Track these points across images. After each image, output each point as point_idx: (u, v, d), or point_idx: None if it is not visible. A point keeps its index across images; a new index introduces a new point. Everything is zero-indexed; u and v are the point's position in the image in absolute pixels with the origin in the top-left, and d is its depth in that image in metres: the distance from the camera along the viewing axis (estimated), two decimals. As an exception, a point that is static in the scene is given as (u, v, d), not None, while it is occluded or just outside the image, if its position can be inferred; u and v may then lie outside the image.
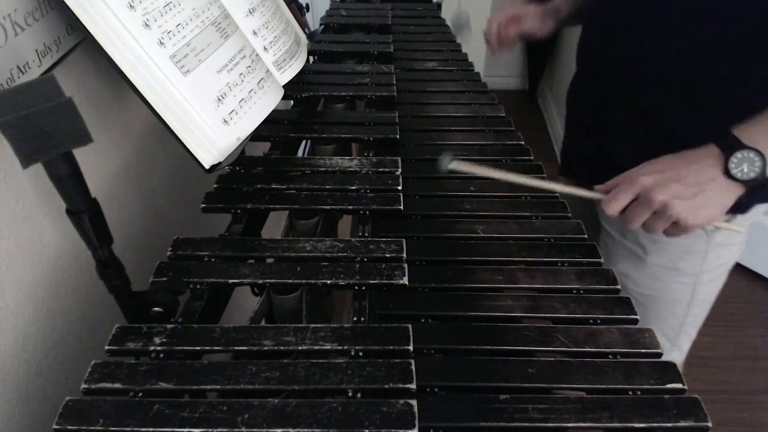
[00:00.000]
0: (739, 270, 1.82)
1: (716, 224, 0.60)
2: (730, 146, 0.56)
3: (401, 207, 0.63)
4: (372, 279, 0.53)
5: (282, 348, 0.46)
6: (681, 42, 0.68)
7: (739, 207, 0.75)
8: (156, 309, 0.50)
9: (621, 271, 0.84)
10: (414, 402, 0.41)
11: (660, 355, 0.50)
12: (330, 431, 0.39)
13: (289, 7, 0.90)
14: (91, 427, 0.39)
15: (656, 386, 0.46)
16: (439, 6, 1.40)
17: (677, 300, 0.86)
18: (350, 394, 0.42)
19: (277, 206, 0.63)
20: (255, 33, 0.73)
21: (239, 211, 0.62)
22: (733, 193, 0.57)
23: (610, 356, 0.49)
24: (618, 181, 0.59)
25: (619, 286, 0.56)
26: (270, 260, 0.56)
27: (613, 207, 0.57)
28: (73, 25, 0.55)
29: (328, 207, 0.63)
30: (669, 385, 0.46)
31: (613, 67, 0.76)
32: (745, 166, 0.55)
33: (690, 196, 0.56)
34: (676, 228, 0.58)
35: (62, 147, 0.38)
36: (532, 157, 0.76)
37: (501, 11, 0.93)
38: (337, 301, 0.96)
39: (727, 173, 0.56)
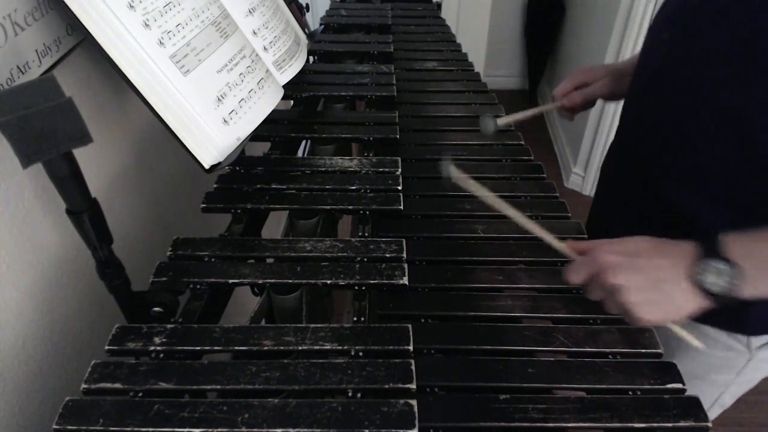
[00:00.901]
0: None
1: (672, 327, 0.55)
2: (706, 250, 0.51)
3: (401, 207, 0.63)
4: (372, 279, 0.53)
5: (282, 348, 0.46)
6: (730, 131, 0.61)
7: (751, 329, 0.69)
8: (156, 309, 0.50)
9: None
10: (414, 402, 0.41)
11: (660, 355, 0.50)
12: (330, 431, 0.39)
13: (289, 7, 0.90)
14: (91, 427, 0.39)
15: (656, 386, 0.46)
16: (439, 6, 1.40)
17: None
18: (350, 394, 0.42)
19: (277, 206, 0.63)
20: (255, 33, 0.73)
21: (239, 211, 0.62)
22: (695, 300, 0.51)
23: (610, 356, 0.49)
24: (587, 248, 0.56)
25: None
26: (270, 260, 0.56)
27: (572, 278, 0.54)
28: (73, 25, 0.55)
29: (328, 207, 0.63)
30: (669, 385, 0.46)
31: (652, 146, 0.69)
32: (710, 276, 0.50)
33: (646, 289, 0.51)
34: (627, 316, 0.53)
35: (62, 147, 0.38)
36: (532, 157, 0.76)
37: (566, 80, 0.85)
38: (337, 301, 0.96)
39: (693, 278, 0.50)
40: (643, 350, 0.50)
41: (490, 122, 0.78)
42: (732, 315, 0.58)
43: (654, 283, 0.51)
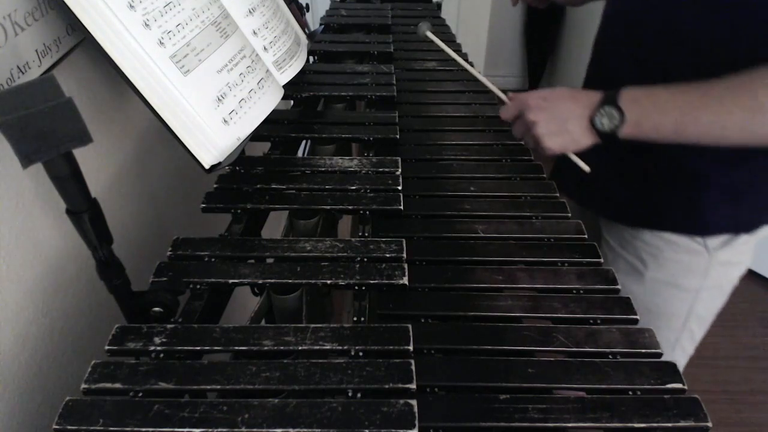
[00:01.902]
0: (739, 270, 1.82)
1: (569, 155, 0.71)
2: (607, 99, 0.65)
3: (401, 207, 0.63)
4: (372, 279, 0.53)
5: (282, 348, 0.46)
6: (695, 57, 0.69)
7: (748, 226, 0.78)
8: (156, 309, 0.50)
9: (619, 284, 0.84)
10: (414, 402, 0.41)
11: (660, 355, 0.50)
12: (330, 431, 0.39)
13: (289, 7, 0.90)
14: (91, 427, 0.39)
15: (656, 386, 0.46)
16: (439, 6, 1.40)
17: (674, 315, 0.85)
18: (350, 394, 0.42)
19: (277, 206, 0.63)
20: (255, 33, 0.73)
21: (239, 211, 0.62)
22: (589, 137, 0.67)
23: (610, 356, 0.49)
24: (519, 95, 0.71)
25: (619, 286, 0.56)
26: (270, 260, 0.56)
27: (504, 115, 0.72)
28: (73, 25, 0.55)
29: (328, 207, 0.62)
30: (669, 385, 0.46)
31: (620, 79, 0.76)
32: (605, 119, 0.65)
33: (552, 124, 0.67)
34: (538, 146, 0.69)
35: (62, 147, 0.38)
36: (532, 157, 0.76)
37: None
38: (337, 301, 0.96)
39: (590, 119, 0.65)
40: (643, 350, 0.50)
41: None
42: (686, 218, 0.76)
43: (561, 121, 0.67)
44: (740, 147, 0.63)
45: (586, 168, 0.71)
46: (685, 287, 0.83)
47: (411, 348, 0.46)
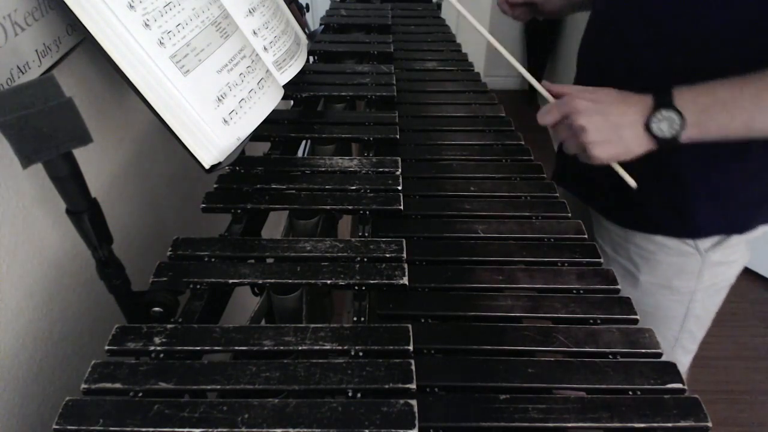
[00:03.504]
0: (739, 270, 1.82)
1: (614, 166, 0.65)
2: (661, 101, 0.59)
3: (401, 207, 0.63)
4: (372, 279, 0.53)
5: (282, 348, 0.46)
6: (682, 51, 0.67)
7: (739, 227, 0.76)
8: (156, 309, 0.50)
9: None
10: (414, 402, 0.41)
11: (660, 355, 0.50)
12: (330, 431, 0.39)
13: (289, 7, 0.90)
14: (91, 427, 0.39)
15: (656, 386, 0.46)
16: (439, 6, 1.40)
17: (671, 317, 0.85)
18: (350, 394, 0.42)
19: (277, 206, 0.63)
20: (255, 33, 0.73)
21: (239, 211, 0.62)
22: (644, 144, 0.60)
23: (610, 356, 0.49)
24: (563, 92, 0.64)
25: (618, 286, 0.56)
26: (270, 260, 0.56)
27: (545, 119, 0.64)
28: (73, 25, 0.55)
29: (328, 207, 0.63)
30: (669, 385, 0.46)
31: (610, 74, 0.75)
32: (664, 124, 0.58)
33: (604, 130, 0.60)
34: (583, 154, 0.62)
35: (62, 147, 0.38)
36: (532, 157, 0.76)
37: None
38: (337, 301, 0.96)
39: (647, 125, 0.59)
40: (643, 350, 0.50)
41: None
42: (677, 221, 0.72)
43: (613, 126, 0.60)
44: None
45: (633, 183, 0.65)
46: (680, 289, 0.82)
47: (411, 348, 0.46)
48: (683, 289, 0.82)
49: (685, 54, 0.67)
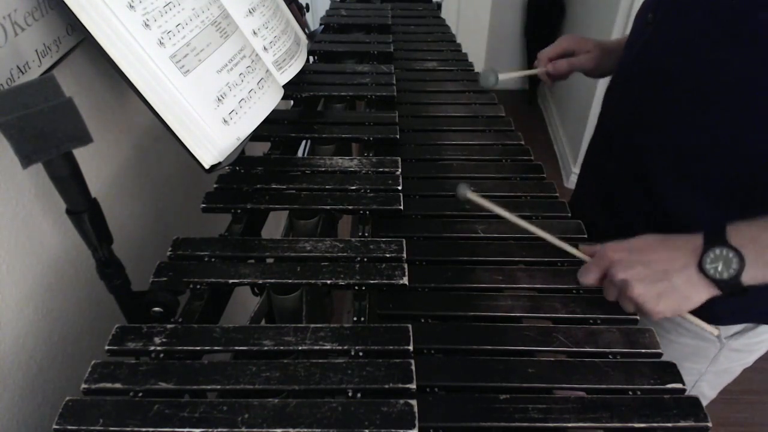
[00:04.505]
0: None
1: (687, 317, 0.56)
2: (713, 239, 0.52)
3: (401, 207, 0.63)
4: (372, 279, 0.53)
5: (282, 348, 0.46)
6: (706, 112, 0.61)
7: (764, 318, 0.70)
8: (156, 309, 0.50)
9: None
10: (414, 402, 0.41)
11: (660, 355, 0.50)
12: (330, 431, 0.39)
13: (289, 7, 0.90)
14: (91, 427, 0.39)
15: (656, 386, 0.46)
16: (439, 6, 1.40)
17: None
18: (350, 394, 0.42)
19: (277, 206, 0.63)
20: (255, 33, 0.73)
21: (239, 211, 0.62)
22: (703, 290, 0.53)
23: (610, 356, 0.49)
24: (594, 249, 0.57)
25: (619, 286, 0.56)
26: (270, 260, 0.56)
27: (585, 279, 0.56)
28: (73, 25, 0.55)
29: (328, 207, 0.63)
30: (669, 385, 0.46)
31: (631, 130, 0.71)
32: (720, 264, 0.51)
33: (653, 281, 0.52)
34: (639, 311, 0.54)
35: (62, 147, 0.38)
36: (532, 157, 0.76)
37: (554, 44, 0.87)
38: (337, 301, 0.96)
39: (700, 267, 0.52)
40: (643, 350, 0.50)
41: (491, 75, 0.84)
42: (701, 306, 0.60)
43: (661, 274, 0.52)
44: None
45: (715, 332, 0.59)
46: (690, 370, 0.75)
47: (411, 348, 0.46)
48: (692, 370, 0.76)
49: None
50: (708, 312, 0.65)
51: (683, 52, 0.61)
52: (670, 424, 0.43)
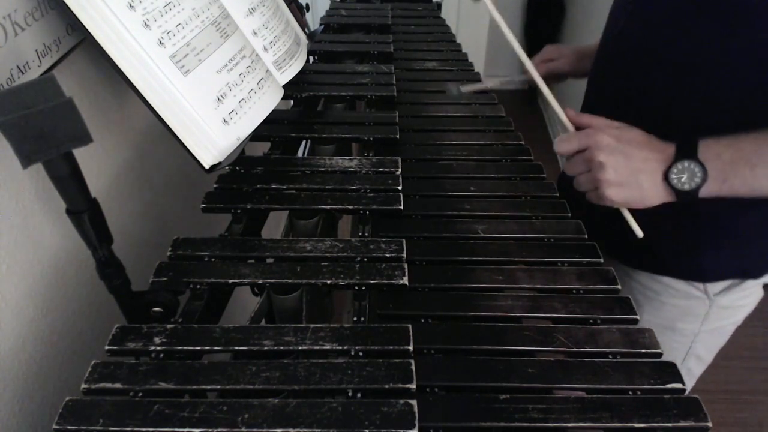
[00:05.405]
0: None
1: (623, 211, 0.61)
2: (684, 152, 0.55)
3: (401, 207, 0.63)
4: (372, 279, 0.53)
5: (282, 348, 0.46)
6: (686, 82, 0.64)
7: (755, 272, 0.73)
8: (156, 309, 0.50)
9: None
10: (414, 402, 0.41)
11: (660, 355, 0.50)
12: (330, 431, 0.39)
13: (289, 7, 0.90)
14: (91, 427, 0.39)
15: (656, 386, 0.46)
16: (439, 6, 1.40)
17: (671, 357, 0.80)
18: (350, 394, 0.42)
19: (277, 206, 0.63)
20: (255, 33, 0.73)
21: (239, 211, 0.62)
22: (662, 194, 0.57)
23: (610, 356, 0.49)
24: (587, 123, 0.60)
25: (618, 286, 0.56)
26: (270, 260, 0.56)
27: (562, 147, 0.60)
28: (73, 25, 0.55)
29: (328, 207, 0.62)
30: (669, 385, 0.46)
31: (616, 104, 0.73)
32: (684, 176, 0.55)
33: (623, 172, 0.56)
34: (594, 192, 0.59)
35: (62, 147, 0.38)
36: (532, 157, 0.76)
37: (539, 53, 0.95)
38: (337, 301, 0.96)
39: (665, 175, 0.56)
40: (643, 350, 0.50)
41: (453, 89, 0.85)
42: (687, 264, 0.65)
43: (633, 170, 0.56)
44: None
45: (639, 233, 0.62)
46: (683, 331, 0.79)
47: (411, 348, 0.46)
48: (686, 331, 0.79)
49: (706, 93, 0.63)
50: (695, 269, 0.72)
51: (663, 28, 0.64)
52: (670, 424, 0.43)
